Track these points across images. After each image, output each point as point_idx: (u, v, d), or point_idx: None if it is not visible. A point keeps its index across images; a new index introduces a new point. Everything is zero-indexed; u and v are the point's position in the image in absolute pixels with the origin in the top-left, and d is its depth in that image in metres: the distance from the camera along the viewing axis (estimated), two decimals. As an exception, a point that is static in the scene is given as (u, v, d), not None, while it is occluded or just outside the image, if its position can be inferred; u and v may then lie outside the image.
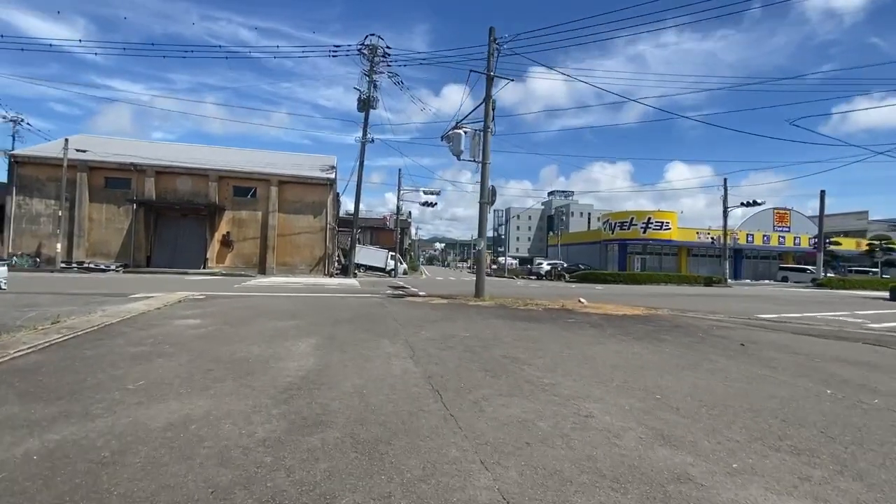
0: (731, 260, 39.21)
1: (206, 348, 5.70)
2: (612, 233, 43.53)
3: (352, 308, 10.13)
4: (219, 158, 29.66)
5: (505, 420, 3.39)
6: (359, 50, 26.85)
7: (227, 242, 27.25)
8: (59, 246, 23.48)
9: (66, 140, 23.91)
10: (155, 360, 5.02)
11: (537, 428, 3.24)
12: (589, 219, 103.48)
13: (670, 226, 40.90)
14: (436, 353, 5.69)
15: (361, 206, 29.59)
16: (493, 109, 12.05)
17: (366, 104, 27.74)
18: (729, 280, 33.58)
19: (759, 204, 30.96)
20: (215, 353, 5.47)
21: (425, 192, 31.30)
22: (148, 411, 3.43)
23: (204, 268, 26.50)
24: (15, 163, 24.95)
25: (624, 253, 42.39)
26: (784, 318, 10.71)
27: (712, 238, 36.95)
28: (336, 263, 29.41)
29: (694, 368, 5.29)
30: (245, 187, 27.94)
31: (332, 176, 29.04)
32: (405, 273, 33.60)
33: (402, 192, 31.48)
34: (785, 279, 41.87)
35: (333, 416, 3.38)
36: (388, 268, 34.27)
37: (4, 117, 43.47)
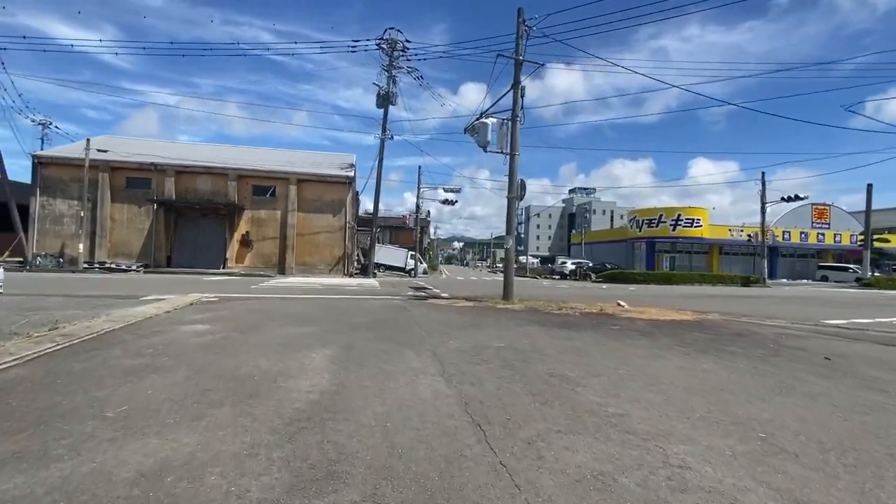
0: (766, 258, 37.28)
1: (209, 361, 5.02)
2: (640, 230, 41.93)
3: (372, 312, 9.41)
4: (238, 157, 29.48)
5: (575, 474, 2.56)
6: (377, 44, 26.25)
7: (246, 242, 27.02)
8: (81, 246, 23.55)
9: (88, 140, 23.97)
10: (148, 377, 4.36)
11: (622, 489, 2.40)
12: (612, 216, 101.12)
13: (701, 223, 39.14)
14: (469, 368, 4.88)
15: (380, 206, 29.05)
16: (522, 97, 11.17)
17: (385, 100, 27.11)
18: (766, 280, 31.79)
19: (802, 199, 29.09)
20: (218, 367, 4.78)
21: (445, 190, 30.56)
22: (119, 453, 2.72)
23: (223, 268, 26.30)
24: (38, 164, 25.16)
25: (652, 251, 40.78)
26: (857, 325, 9.53)
27: (749, 236, 35.10)
28: (356, 263, 28.91)
29: (787, 392, 4.35)
30: (264, 186, 27.65)
31: (352, 174, 28.53)
32: (425, 273, 32.91)
33: (421, 189, 30.80)
34: (825, 278, 39.64)
35: (350, 464, 2.61)
36: (408, 267, 33.64)
37: (34, 120, 44.41)
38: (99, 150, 24.03)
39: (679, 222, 38.96)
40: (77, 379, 4.28)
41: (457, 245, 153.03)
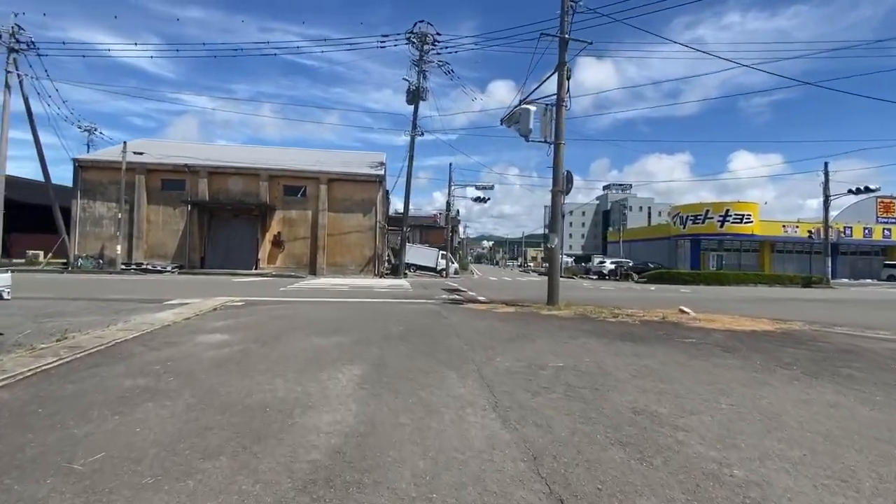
0: (821, 255, 34.39)
1: (219, 383, 4.28)
2: (684, 227, 39.58)
3: (404, 318, 8.57)
4: (269, 158, 29.46)
5: None
6: (407, 38, 25.51)
7: (277, 243, 26.90)
8: (119, 248, 23.94)
9: (125, 143, 24.35)
10: (142, 406, 3.63)
11: None
12: (649, 213, 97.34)
13: (752, 218, 36.53)
14: (527, 399, 3.93)
15: (410, 205, 28.35)
16: (568, 79, 10.08)
17: (415, 96, 26.37)
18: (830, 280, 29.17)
19: (873, 190, 26.39)
20: (227, 392, 4.02)
21: (477, 188, 29.57)
22: (61, 543, 1.93)
23: (255, 268, 26.26)
24: (79, 167, 25.80)
25: (697, 249, 38.41)
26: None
27: (809, 232, 32.35)
28: (386, 263, 28.35)
29: (976, 445, 3.17)
30: (295, 186, 27.46)
31: (382, 172, 27.97)
32: (457, 273, 32.04)
33: (452, 187, 29.92)
34: (892, 278, 36.28)
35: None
36: (439, 267, 32.84)
37: (80, 127, 46.29)
38: (135, 153, 24.38)
39: (727, 218, 36.47)
40: (62, 408, 3.60)
41: (486, 244, 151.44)
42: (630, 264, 33.50)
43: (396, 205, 42.42)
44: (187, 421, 3.36)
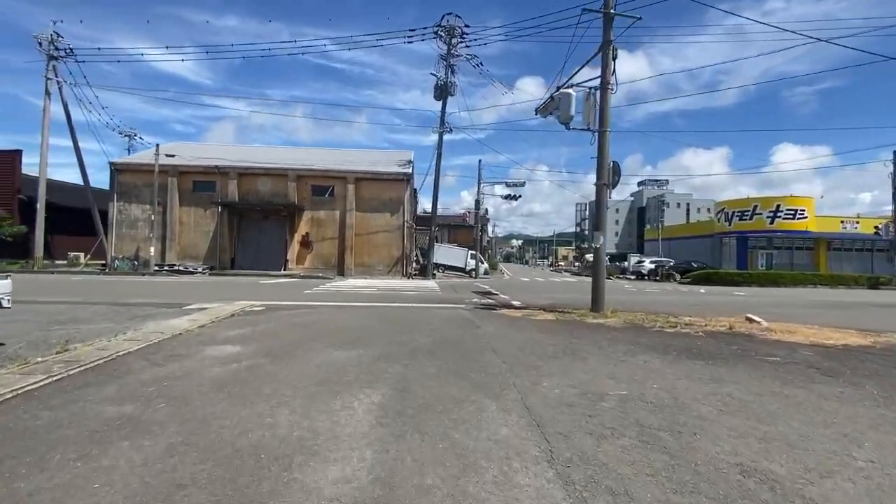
0: (888, 254, 31.52)
1: (213, 413, 3.60)
2: (730, 224, 37.16)
3: (433, 327, 7.78)
4: (297, 158, 29.36)
5: None
6: (435, 31, 24.77)
7: (306, 243, 26.71)
8: (152, 249, 24.27)
9: (157, 146, 24.68)
10: (116, 447, 2.98)
11: None
12: (687, 210, 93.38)
13: (806, 214, 33.88)
14: (592, 448, 3.04)
15: (438, 205, 27.61)
16: (614, 59, 9.02)
17: (443, 91, 25.60)
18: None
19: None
20: (219, 427, 3.33)
21: (508, 185, 28.47)
22: None
23: (284, 269, 26.15)
24: (115, 170, 26.36)
25: (744, 247, 35.95)
26: None
27: (876, 228, 29.59)
28: (414, 264, 27.74)
29: None
30: (323, 186, 27.21)
31: (409, 171, 27.36)
32: (486, 273, 31.08)
33: (482, 185, 28.99)
34: (969, 278, 32.78)
35: None
36: (468, 267, 31.98)
37: (121, 132, 47.94)
38: (167, 155, 24.66)
39: (778, 214, 33.95)
40: (24, 446, 2.99)
41: (515, 243, 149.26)
42: (671, 264, 31.61)
43: (424, 205, 41.85)
44: (161, 472, 2.66)
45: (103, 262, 26.43)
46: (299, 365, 5.22)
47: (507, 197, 28.89)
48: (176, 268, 24.70)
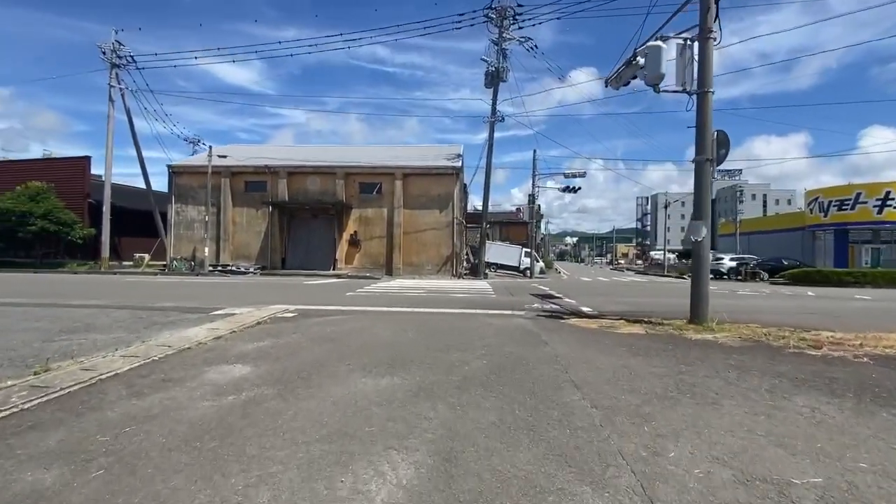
0: None
1: (157, 496, 2.25)
2: (825, 215, 32.39)
3: (487, 342, 6.20)
4: (346, 156, 28.80)
5: None
6: (485, 14, 23.08)
7: (354, 242, 26.04)
8: (206, 250, 24.53)
9: (210, 147, 24.92)
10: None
11: None
12: (764, 201, 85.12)
13: (924, 202, 28.69)
14: None
15: (489, 201, 25.87)
16: (716, 2, 7.00)
17: (494, 77, 23.88)
18: None
19: None
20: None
21: (566, 175, 26.22)
22: None
23: (333, 269, 25.61)
24: (172, 173, 27.02)
25: (843, 242, 31.18)
26: None
27: None
28: (464, 263, 26.26)
29: None
30: (370, 183, 26.41)
31: (459, 164, 25.90)
32: (542, 273, 28.98)
33: (536, 177, 26.91)
34: None
35: None
36: (522, 266, 30.03)
37: (186, 139, 50.27)
38: (220, 156, 24.84)
39: (888, 202, 29.00)
40: None
41: (569, 240, 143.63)
42: (756, 261, 27.84)
43: (475, 202, 40.27)
44: None
45: (164, 262, 27.22)
46: (312, 400, 3.85)
47: (566, 189, 26.64)
48: (228, 268, 24.84)
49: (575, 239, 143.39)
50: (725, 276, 27.26)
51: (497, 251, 30.28)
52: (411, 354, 5.49)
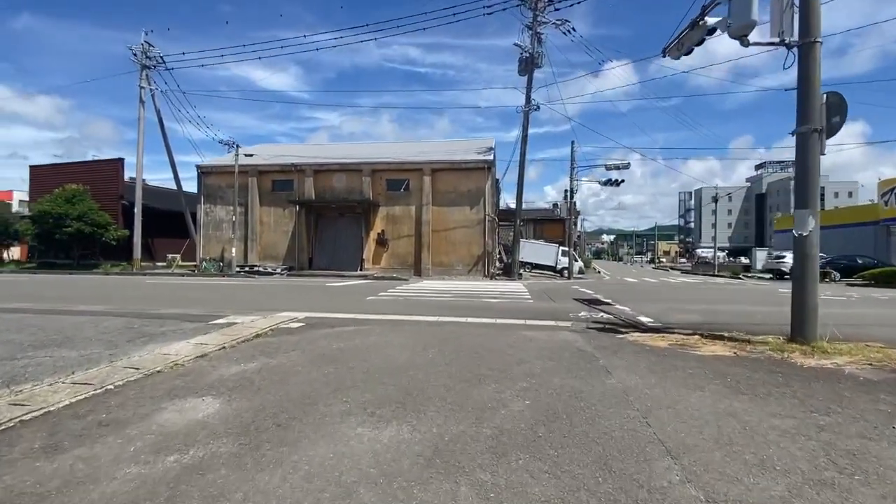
0: None
1: None
2: (904, 208, 28.90)
3: (529, 370, 4.83)
4: (373, 153, 27.91)
5: None
6: (518, -3, 21.51)
7: (381, 241, 25.09)
8: (234, 250, 24.17)
9: (237, 146, 24.54)
10: None
11: None
12: (822, 194, 78.69)
13: None
14: None
15: (522, 198, 24.26)
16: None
17: (529, 63, 22.30)
18: None
19: None
20: None
21: (608, 168, 24.27)
22: None
23: (360, 269, 24.75)
24: (201, 173, 26.91)
25: (927, 237, 27.62)
26: None
27: None
28: (497, 262, 24.81)
29: None
30: (398, 180, 25.38)
31: (491, 157, 24.47)
32: (580, 273, 27.11)
33: (575, 169, 25.06)
34: None
35: None
36: (559, 266, 28.25)
37: (221, 142, 50.90)
38: (246, 154, 24.44)
39: (985, 191, 25.34)
40: None
41: (605, 238, 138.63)
42: (826, 259, 24.95)
43: (507, 201, 38.66)
44: None
45: (195, 263, 27.19)
46: (277, 470, 2.63)
47: (607, 183, 24.68)
48: (255, 269, 24.41)
49: (612, 237, 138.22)
50: (787, 276, 24.50)
51: (532, 250, 28.63)
52: (429, 387, 4.21)
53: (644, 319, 8.50)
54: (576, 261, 26.19)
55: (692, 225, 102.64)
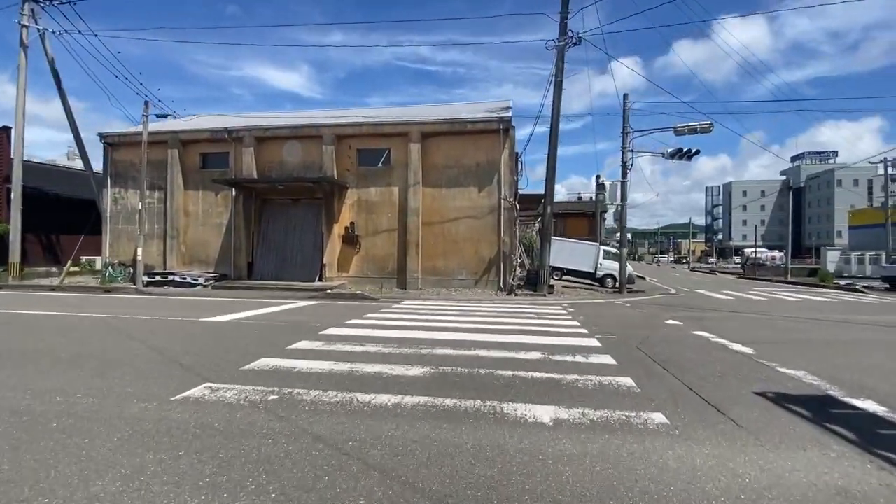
0: None
1: None
2: None
3: None
4: (339, 121, 20.35)
5: None
6: None
7: (351, 239, 17.63)
8: (140, 251, 16.78)
9: (146, 102, 17.05)
10: None
11: None
12: (870, 187, 70.26)
13: None
14: None
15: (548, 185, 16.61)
16: None
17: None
18: None
19: None
20: None
21: (677, 132, 16.66)
22: None
23: (320, 279, 17.34)
24: (107, 145, 19.60)
25: None
26: None
27: None
28: (516, 269, 17.23)
29: None
30: (374, 150, 17.88)
31: (508, 115, 16.91)
32: (631, 282, 19.50)
33: (629, 133, 17.41)
34: None
35: None
36: (600, 273, 20.71)
37: (158, 115, 43.51)
38: (157, 115, 17.14)
39: None
40: None
41: (618, 237, 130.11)
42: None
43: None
44: None
45: (99, 268, 19.90)
46: None
47: (677, 155, 17.22)
48: (171, 278, 17.02)
49: (629, 235, 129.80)
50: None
51: (564, 250, 21.11)
52: None
53: None
54: (626, 266, 18.66)
55: (721, 221, 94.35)
